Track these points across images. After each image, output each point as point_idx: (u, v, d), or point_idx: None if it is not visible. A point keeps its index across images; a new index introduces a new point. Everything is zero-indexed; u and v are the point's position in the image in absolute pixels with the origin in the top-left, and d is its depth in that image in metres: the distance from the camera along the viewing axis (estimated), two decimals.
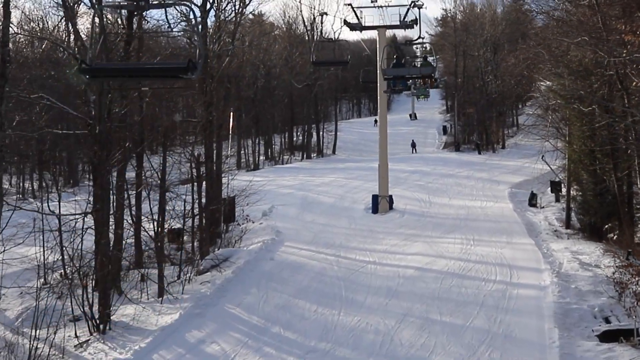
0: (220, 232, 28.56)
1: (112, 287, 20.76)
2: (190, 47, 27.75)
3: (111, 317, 17.35)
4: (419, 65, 27.49)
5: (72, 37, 32.24)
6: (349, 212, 31.30)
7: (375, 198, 31.66)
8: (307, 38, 63.88)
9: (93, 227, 19.50)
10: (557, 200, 31.97)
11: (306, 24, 64.31)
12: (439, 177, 41.12)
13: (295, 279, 19.50)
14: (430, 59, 28.53)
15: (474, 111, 61.91)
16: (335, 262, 21.31)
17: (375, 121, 71.20)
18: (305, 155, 61.47)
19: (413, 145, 61.00)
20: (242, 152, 59.50)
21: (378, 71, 31.95)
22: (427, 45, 31.21)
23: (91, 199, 20.70)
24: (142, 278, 22.22)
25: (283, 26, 68.26)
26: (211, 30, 27.27)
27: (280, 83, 62.64)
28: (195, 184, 25.76)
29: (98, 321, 16.66)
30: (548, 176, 38.58)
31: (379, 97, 32.79)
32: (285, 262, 21.54)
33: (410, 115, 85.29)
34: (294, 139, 67.56)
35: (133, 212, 23.98)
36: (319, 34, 66.36)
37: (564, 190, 32.47)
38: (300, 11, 70.17)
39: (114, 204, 21.20)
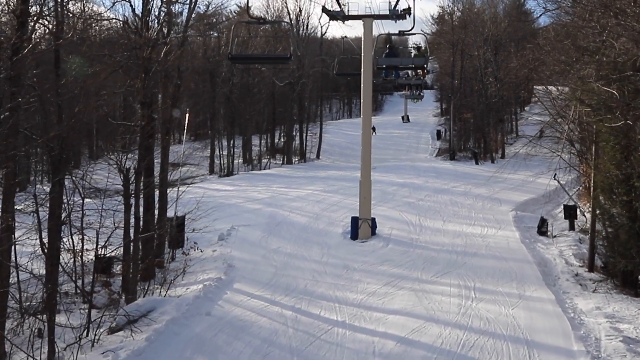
0: (164, 262, 23.39)
1: None
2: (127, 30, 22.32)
3: None
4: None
5: None
6: (324, 238, 26.00)
7: (355, 221, 26.37)
8: (296, 33, 58.66)
9: None
10: (572, 228, 26.76)
11: (291, 16, 58.96)
12: (431, 192, 35.82)
13: (233, 350, 14.16)
14: (422, 49, 26.96)
15: (471, 116, 56.68)
16: (293, 320, 16.00)
17: (374, 129, 65.75)
18: (285, 160, 56.09)
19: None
20: (215, 154, 54.11)
21: (362, 66, 27.00)
22: (422, 36, 27.09)
23: None
24: (39, 333, 17.05)
25: (268, 17, 62.71)
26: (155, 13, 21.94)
27: (261, 80, 57.14)
28: (133, 203, 20.56)
29: None
30: (557, 194, 33.54)
31: (362, 96, 27.57)
32: (226, 318, 16.20)
33: (403, 118, 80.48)
34: (276, 141, 62.26)
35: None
36: (305, 28, 61.30)
37: (580, 215, 27.36)
38: (285, 3, 64.39)
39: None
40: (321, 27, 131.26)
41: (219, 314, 16.48)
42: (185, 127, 27.64)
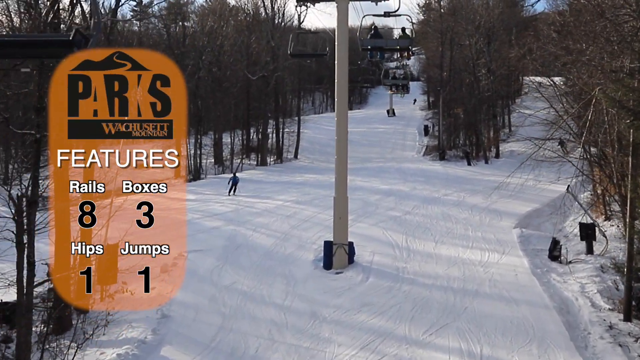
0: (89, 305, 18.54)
1: None
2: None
3: None
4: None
5: None
6: (290, 267, 21.27)
7: (328, 247, 21.68)
8: (270, 23, 53.67)
9: None
10: (590, 251, 22.20)
11: (266, 4, 53.96)
12: (420, 203, 31.06)
13: None
14: (407, 30, 26.71)
15: (462, 111, 51.92)
16: None
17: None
18: (260, 161, 51.22)
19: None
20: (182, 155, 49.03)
21: (336, 53, 22.44)
22: (407, 18, 25.21)
23: None
24: None
25: (250, 9, 57.24)
26: None
27: (232, 74, 52.11)
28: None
29: None
30: (564, 203, 28.81)
31: (336, 90, 23.09)
32: None
33: (388, 112, 75.80)
34: (251, 137, 57.22)
35: None
36: (281, 16, 56.38)
37: (598, 233, 22.83)
38: None
39: None
40: (298, 15, 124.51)
41: None
42: None
